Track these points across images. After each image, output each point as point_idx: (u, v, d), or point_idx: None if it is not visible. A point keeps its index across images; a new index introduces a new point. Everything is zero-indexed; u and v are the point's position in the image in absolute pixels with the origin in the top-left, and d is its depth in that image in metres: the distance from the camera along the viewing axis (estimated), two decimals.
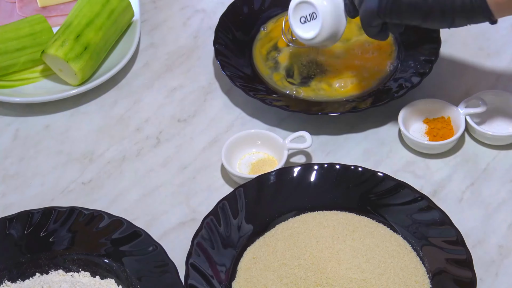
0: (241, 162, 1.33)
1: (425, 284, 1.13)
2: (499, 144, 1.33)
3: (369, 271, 1.13)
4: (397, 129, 1.38)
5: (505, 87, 1.43)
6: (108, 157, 1.37)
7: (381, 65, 1.45)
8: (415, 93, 1.41)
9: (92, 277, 1.18)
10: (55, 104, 1.45)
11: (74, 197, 1.31)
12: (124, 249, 1.17)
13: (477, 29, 1.54)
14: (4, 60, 1.45)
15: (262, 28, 1.52)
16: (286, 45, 1.48)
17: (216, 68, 1.50)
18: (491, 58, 1.49)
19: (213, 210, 1.21)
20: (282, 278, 1.14)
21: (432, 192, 1.28)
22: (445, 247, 1.15)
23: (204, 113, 1.43)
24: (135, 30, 1.53)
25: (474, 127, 1.32)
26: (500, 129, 1.34)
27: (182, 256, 1.16)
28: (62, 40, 1.42)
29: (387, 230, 1.20)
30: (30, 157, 1.38)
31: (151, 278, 1.14)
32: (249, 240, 1.20)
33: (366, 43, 1.48)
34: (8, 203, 1.31)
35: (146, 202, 1.30)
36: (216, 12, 1.58)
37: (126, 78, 1.50)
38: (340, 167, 1.26)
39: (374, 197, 1.23)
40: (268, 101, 1.38)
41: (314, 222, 1.21)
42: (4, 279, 1.17)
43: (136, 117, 1.44)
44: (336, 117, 1.39)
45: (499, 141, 1.32)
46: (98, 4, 1.48)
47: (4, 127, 1.43)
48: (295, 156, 1.35)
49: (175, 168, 1.35)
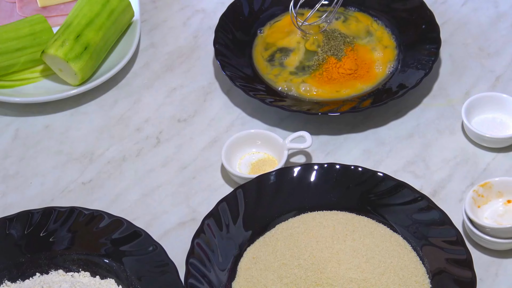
0: (241, 162, 1.33)
1: (425, 284, 1.13)
2: (497, 146, 1.33)
3: (369, 271, 1.13)
4: (397, 129, 1.38)
5: (505, 87, 1.43)
6: (108, 157, 1.37)
7: (382, 65, 1.45)
8: (415, 93, 1.41)
9: (92, 277, 1.18)
10: (55, 104, 1.45)
11: (74, 197, 1.31)
12: (124, 249, 1.17)
13: (477, 29, 1.54)
14: (4, 60, 1.45)
15: (259, 31, 1.52)
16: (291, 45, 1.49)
17: (216, 68, 1.50)
18: (491, 58, 1.49)
19: (213, 210, 1.21)
20: (282, 278, 1.14)
21: (432, 192, 1.28)
22: (445, 247, 1.15)
23: (204, 113, 1.43)
24: (135, 30, 1.53)
25: (473, 130, 1.32)
26: (498, 132, 1.34)
27: (182, 256, 1.16)
28: (62, 40, 1.42)
29: (387, 230, 1.20)
30: (30, 157, 1.38)
31: (151, 278, 1.14)
32: (249, 240, 1.20)
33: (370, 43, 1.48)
34: (8, 203, 1.31)
35: (146, 202, 1.30)
36: (216, 12, 1.58)
37: (126, 78, 1.50)
38: (340, 167, 1.26)
39: (374, 197, 1.23)
40: (268, 101, 1.38)
41: (314, 222, 1.21)
42: (4, 279, 1.17)
43: (136, 117, 1.44)
44: (336, 117, 1.39)
45: (497, 144, 1.32)
46: (98, 4, 1.48)
47: (4, 127, 1.43)
48: (295, 156, 1.35)
49: (175, 168, 1.35)
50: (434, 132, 1.38)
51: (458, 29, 1.55)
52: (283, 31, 1.52)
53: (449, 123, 1.38)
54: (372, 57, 1.46)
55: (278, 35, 1.52)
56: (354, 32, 1.50)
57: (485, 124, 1.35)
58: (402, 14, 1.52)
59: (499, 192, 1.22)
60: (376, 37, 1.50)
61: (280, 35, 1.52)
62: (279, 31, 1.52)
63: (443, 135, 1.37)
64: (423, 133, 1.37)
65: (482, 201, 1.21)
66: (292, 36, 1.51)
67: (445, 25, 1.54)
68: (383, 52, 1.47)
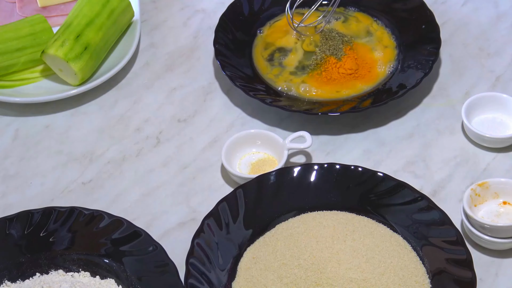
0: (241, 162, 1.33)
1: (425, 284, 1.13)
2: (497, 146, 1.33)
3: (369, 271, 1.13)
4: (397, 129, 1.38)
5: (505, 87, 1.43)
6: (108, 157, 1.37)
7: (383, 65, 1.45)
8: (415, 93, 1.41)
9: (92, 277, 1.18)
10: (55, 104, 1.45)
11: (74, 197, 1.31)
12: (124, 249, 1.17)
13: (477, 29, 1.54)
14: (4, 60, 1.45)
15: (259, 31, 1.52)
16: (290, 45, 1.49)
17: (216, 68, 1.50)
18: (491, 58, 1.49)
19: (213, 210, 1.21)
20: (282, 278, 1.14)
21: (432, 192, 1.28)
22: (445, 247, 1.15)
23: (204, 113, 1.43)
24: (135, 30, 1.53)
25: (473, 129, 1.32)
26: (498, 132, 1.34)
27: (182, 256, 1.16)
28: (62, 40, 1.42)
29: (387, 230, 1.20)
30: (30, 157, 1.38)
31: (151, 278, 1.14)
32: (249, 240, 1.20)
33: (370, 43, 1.48)
34: (8, 203, 1.31)
35: (146, 202, 1.30)
36: (216, 12, 1.58)
37: (126, 78, 1.50)
38: (340, 167, 1.26)
39: (374, 197, 1.23)
40: (268, 101, 1.38)
41: (314, 222, 1.21)
42: (4, 279, 1.17)
43: (136, 117, 1.44)
44: (336, 117, 1.39)
45: (497, 144, 1.32)
46: (98, 4, 1.48)
47: (4, 127, 1.43)
48: (295, 156, 1.35)
49: (175, 168, 1.35)
50: (434, 132, 1.37)
51: (458, 29, 1.55)
52: (282, 31, 1.52)
53: (449, 123, 1.38)
54: (373, 57, 1.46)
55: (277, 35, 1.52)
56: (354, 32, 1.50)
57: (485, 124, 1.35)
58: (402, 14, 1.52)
59: (495, 193, 1.22)
60: (376, 37, 1.50)
61: (280, 34, 1.52)
62: (278, 31, 1.52)
63: (443, 135, 1.37)
64: (423, 133, 1.37)
65: (479, 200, 1.22)
66: (290, 35, 1.51)
67: (445, 25, 1.54)
68: (383, 52, 1.47)
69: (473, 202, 1.21)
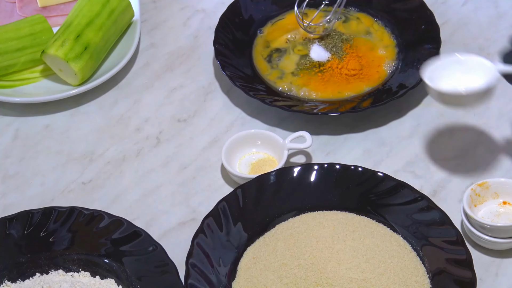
0: (241, 162, 1.33)
1: (425, 284, 1.13)
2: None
3: (369, 271, 1.13)
4: (397, 129, 1.38)
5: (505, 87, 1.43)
6: (108, 157, 1.37)
7: (382, 65, 1.45)
8: (415, 93, 1.41)
9: (92, 277, 1.18)
10: (55, 104, 1.45)
11: (74, 197, 1.31)
12: (124, 249, 1.17)
13: (477, 29, 1.54)
14: (4, 60, 1.45)
15: (259, 31, 1.52)
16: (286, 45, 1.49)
17: (216, 68, 1.50)
18: (491, 58, 1.48)
19: (213, 210, 1.21)
20: (282, 278, 1.14)
21: (432, 192, 1.28)
22: (445, 247, 1.15)
23: (204, 113, 1.43)
24: (135, 30, 1.53)
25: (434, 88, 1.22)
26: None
27: (182, 256, 1.16)
28: (62, 40, 1.42)
29: (387, 230, 1.20)
30: (30, 157, 1.38)
31: (151, 278, 1.14)
32: (249, 240, 1.20)
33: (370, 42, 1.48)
34: (8, 203, 1.31)
35: (146, 202, 1.30)
36: (216, 12, 1.58)
37: (126, 78, 1.50)
38: (340, 167, 1.26)
39: (374, 197, 1.23)
40: (268, 101, 1.38)
41: (314, 222, 1.21)
42: (4, 279, 1.17)
43: (136, 117, 1.44)
44: (336, 117, 1.39)
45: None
46: (98, 4, 1.48)
47: (4, 127, 1.43)
48: (295, 156, 1.35)
49: (175, 168, 1.35)
50: (434, 132, 1.37)
51: (458, 29, 1.55)
52: (281, 31, 1.52)
53: (449, 123, 1.38)
54: (378, 55, 1.46)
55: (276, 35, 1.51)
56: (354, 32, 1.50)
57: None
58: (402, 14, 1.52)
59: (495, 193, 1.22)
60: (376, 37, 1.50)
61: (278, 33, 1.52)
62: (278, 30, 1.52)
63: (443, 135, 1.37)
64: (423, 133, 1.37)
65: (479, 200, 1.22)
66: (285, 36, 1.50)
67: (445, 25, 1.54)
68: (383, 52, 1.47)
69: (473, 202, 1.21)
